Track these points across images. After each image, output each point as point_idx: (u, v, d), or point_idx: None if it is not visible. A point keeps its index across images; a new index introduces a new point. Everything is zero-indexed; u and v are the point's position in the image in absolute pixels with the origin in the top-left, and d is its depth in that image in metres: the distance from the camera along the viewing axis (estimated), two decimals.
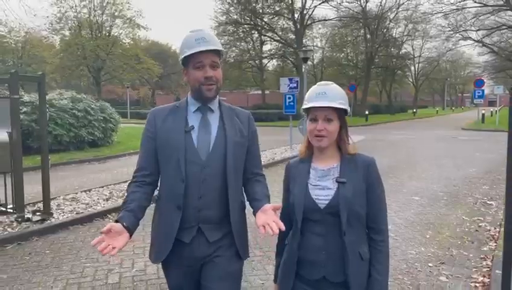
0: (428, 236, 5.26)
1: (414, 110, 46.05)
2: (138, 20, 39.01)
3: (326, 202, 1.67)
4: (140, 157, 1.91)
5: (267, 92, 46.71)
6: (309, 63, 17.33)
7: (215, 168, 1.81)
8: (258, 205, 1.79)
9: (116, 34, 39.54)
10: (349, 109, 1.75)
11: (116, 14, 38.39)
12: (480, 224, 5.78)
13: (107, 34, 39.16)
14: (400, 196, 7.38)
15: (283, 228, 1.58)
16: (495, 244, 4.90)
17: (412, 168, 10.38)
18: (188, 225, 1.81)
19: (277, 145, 14.94)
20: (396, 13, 40.60)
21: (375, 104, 45.81)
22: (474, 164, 10.97)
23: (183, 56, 1.83)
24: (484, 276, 4.05)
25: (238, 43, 41.45)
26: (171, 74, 52.06)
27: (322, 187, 1.71)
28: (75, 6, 36.50)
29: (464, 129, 24.66)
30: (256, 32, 40.58)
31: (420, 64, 57.62)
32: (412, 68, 56.58)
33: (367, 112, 31.61)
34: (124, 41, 40.08)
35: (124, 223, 1.67)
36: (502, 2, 29.95)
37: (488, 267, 4.23)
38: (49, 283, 3.89)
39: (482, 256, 4.60)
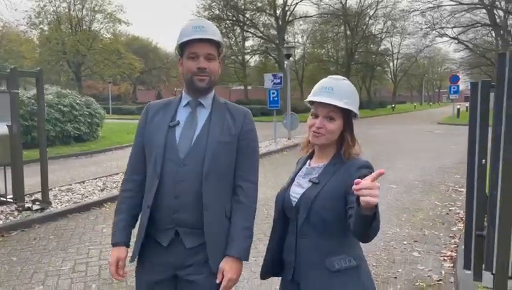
0: (403, 219, 5.77)
1: (393, 105, 47.21)
2: (119, 15, 38.75)
3: (296, 200, 1.61)
4: (131, 153, 1.87)
5: (249, 87, 47.06)
6: (291, 59, 17.74)
7: (194, 168, 1.68)
8: (227, 250, 1.70)
9: (96, 28, 39.17)
10: (357, 112, 1.61)
11: (96, 8, 38.00)
12: (450, 208, 6.31)
13: (88, 28, 38.74)
14: (380, 183, 7.88)
15: None
16: (463, 225, 5.43)
17: (391, 160, 10.94)
18: (164, 227, 1.71)
19: (262, 140, 15.36)
20: (376, 10, 41.49)
21: None
22: (447, 156, 11.62)
23: (178, 43, 1.75)
24: (452, 251, 4.55)
25: (223, 43, 41.60)
26: (152, 70, 51.79)
27: (299, 185, 1.65)
28: (54, 0, 36.02)
29: (440, 123, 25.58)
30: (238, 28, 40.82)
31: (399, 61, 58.85)
32: (391, 64, 57.75)
33: None
34: (104, 36, 39.73)
35: (126, 246, 1.79)
36: (476, 0, 31.01)
37: (456, 244, 4.74)
38: (58, 263, 4.21)
39: (451, 235, 5.11)
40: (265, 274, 1.77)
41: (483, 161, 3.15)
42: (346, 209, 1.47)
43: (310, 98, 1.61)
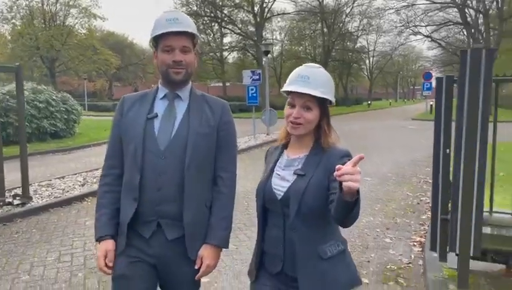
0: (377, 208, 6.05)
1: (369, 102, 48.13)
2: (94, 9, 38.07)
3: (282, 193, 1.59)
4: (108, 146, 1.85)
5: (227, 84, 47.06)
6: (269, 56, 17.95)
7: (174, 159, 1.70)
8: (207, 238, 1.76)
9: (71, 24, 38.37)
10: (333, 99, 1.62)
11: (71, 3, 37.22)
12: (421, 198, 6.64)
13: (62, 23, 37.91)
14: (359, 169, 8.19)
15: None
16: None
17: (366, 154, 10.83)
18: (146, 219, 1.72)
19: (241, 135, 15.51)
20: (352, 8, 42.15)
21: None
22: (420, 150, 12.05)
23: (152, 36, 1.73)
24: (421, 237, 4.85)
25: (199, 35, 41.44)
26: (129, 66, 51.08)
27: (282, 177, 1.63)
28: None
29: (414, 119, 26.30)
30: (216, 24, 40.75)
31: (374, 58, 59.89)
32: (367, 62, 58.76)
33: None
34: (79, 31, 38.96)
35: (113, 239, 1.76)
36: (448, 0, 31.94)
37: (425, 231, 5.03)
38: (43, 254, 4.28)
39: (420, 223, 5.42)
40: (256, 269, 1.72)
41: (448, 150, 3.42)
42: (328, 195, 1.50)
43: (286, 87, 1.59)
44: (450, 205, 3.40)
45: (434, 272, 3.66)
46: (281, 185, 1.61)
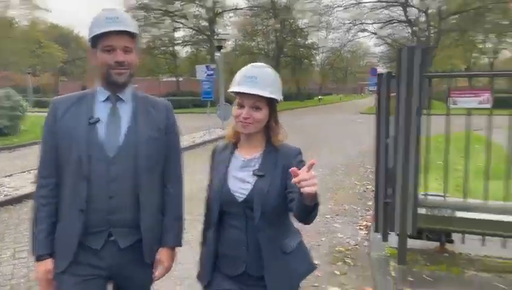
0: (327, 197, 6.42)
1: (320, 97, 49.48)
2: (37, 1, 36.16)
3: (244, 196, 1.59)
4: (40, 156, 1.69)
5: (181, 79, 46.44)
6: (223, 50, 18.03)
7: (126, 166, 1.64)
8: (163, 241, 1.78)
9: (12, 15, 36.23)
10: (281, 98, 1.63)
11: None
12: (367, 186, 7.10)
13: (1, 15, 35.68)
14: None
15: None
16: None
17: (317, 146, 11.75)
18: (96, 229, 1.63)
19: (196, 131, 15.53)
20: (303, 5, 42.96)
21: (285, 91, 48.27)
22: (367, 142, 12.64)
23: (90, 36, 1.62)
24: (367, 221, 5.23)
25: (149, 29, 40.55)
26: (77, 60, 49.05)
27: (241, 179, 1.62)
28: None
29: (362, 113, 27.44)
30: (168, 18, 40.05)
31: (325, 54, 61.41)
32: (318, 57, 60.16)
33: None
34: (21, 23, 36.91)
35: (52, 257, 1.67)
36: None
37: (371, 216, 5.43)
38: None
39: (367, 208, 5.83)
40: (209, 275, 1.71)
41: (387, 140, 3.77)
42: (286, 193, 1.55)
43: (234, 88, 1.58)
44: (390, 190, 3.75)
45: (377, 251, 4.02)
46: (241, 187, 1.60)
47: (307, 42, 49.11)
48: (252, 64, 1.64)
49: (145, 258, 1.71)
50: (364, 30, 37.90)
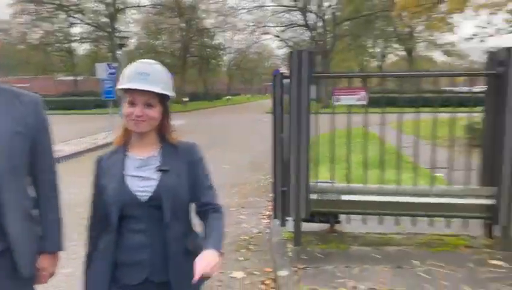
0: (233, 191, 6.73)
1: (228, 97, 50.29)
2: None
3: (149, 194, 1.52)
4: None
5: (79, 78, 43.62)
6: (125, 49, 17.44)
7: None
8: (43, 246, 1.65)
9: None
10: (173, 94, 1.60)
11: None
12: (271, 180, 7.54)
13: None
14: (213, 166, 8.78)
15: None
16: None
17: (225, 145, 12.09)
18: None
19: (98, 131, 14.87)
20: (208, 5, 43.18)
21: (193, 91, 48.12)
22: (271, 139, 13.40)
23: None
24: (270, 211, 5.62)
25: (41, 23, 37.41)
26: None
27: (143, 178, 1.54)
28: None
29: (268, 113, 28.49)
30: (62, 12, 37.34)
31: (232, 55, 62.41)
32: (225, 58, 60.91)
33: (186, 99, 33.37)
34: None
35: None
36: (292, 3, 35.32)
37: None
38: None
39: (270, 200, 6.24)
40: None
41: (282, 134, 4.15)
42: (193, 189, 1.60)
43: (126, 85, 1.50)
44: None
45: (277, 236, 4.40)
46: (143, 185, 1.53)
47: (213, 42, 49.44)
48: (140, 60, 1.59)
49: (21, 269, 1.53)
50: (267, 33, 39.38)
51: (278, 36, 39.69)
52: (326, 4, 33.31)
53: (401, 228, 4.21)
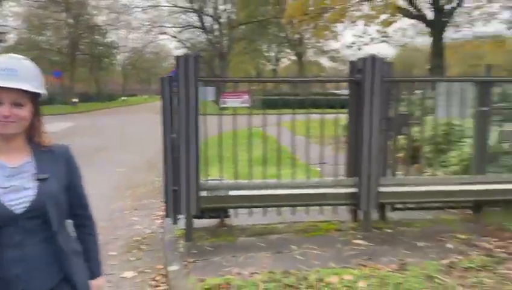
0: (127, 194, 6.66)
1: (123, 98, 48.21)
2: None
3: (27, 205, 1.40)
4: None
5: None
6: (2, 44, 15.75)
7: None
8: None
9: None
10: (45, 92, 1.50)
11: None
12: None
13: None
14: (108, 168, 8.57)
15: None
16: None
17: (119, 147, 11.76)
18: None
19: None
20: (98, 1, 40.93)
21: (84, 92, 45.16)
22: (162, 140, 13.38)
23: None
24: (163, 212, 5.71)
25: None
26: None
27: (16, 189, 1.41)
28: None
29: None
30: None
31: (127, 54, 59.93)
32: (119, 57, 58.25)
33: (76, 100, 31.21)
34: None
35: None
36: (189, 5, 35.34)
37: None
38: None
39: (163, 201, 6.33)
40: None
41: (173, 135, 4.31)
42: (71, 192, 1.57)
43: None
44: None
45: (169, 234, 4.54)
46: (20, 196, 1.40)
47: (105, 40, 46.98)
48: (8, 54, 1.47)
49: None
50: (164, 33, 38.76)
51: (175, 37, 39.35)
52: (221, 8, 33.97)
53: (282, 218, 4.66)
